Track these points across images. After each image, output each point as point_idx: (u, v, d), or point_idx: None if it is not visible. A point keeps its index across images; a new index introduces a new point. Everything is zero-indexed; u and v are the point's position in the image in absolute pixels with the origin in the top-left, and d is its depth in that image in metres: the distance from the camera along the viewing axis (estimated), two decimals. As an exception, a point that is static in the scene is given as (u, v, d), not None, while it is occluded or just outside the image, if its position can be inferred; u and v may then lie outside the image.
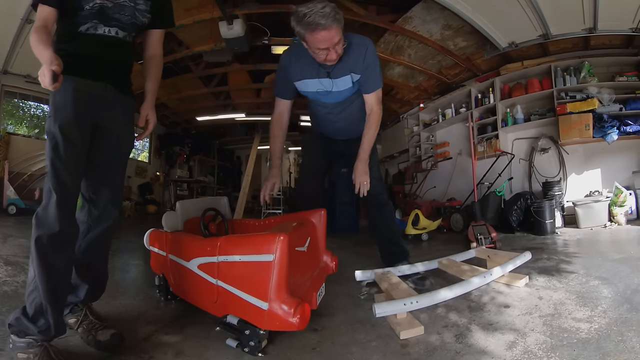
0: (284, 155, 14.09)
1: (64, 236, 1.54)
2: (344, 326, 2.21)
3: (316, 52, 2.32)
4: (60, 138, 1.56)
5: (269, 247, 1.73)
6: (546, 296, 2.47)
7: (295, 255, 2.02)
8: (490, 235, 4.16)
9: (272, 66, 7.25)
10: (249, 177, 8.92)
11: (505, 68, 6.15)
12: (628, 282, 2.48)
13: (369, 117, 2.75)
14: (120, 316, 2.21)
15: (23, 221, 4.36)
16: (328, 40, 2.22)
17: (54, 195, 1.52)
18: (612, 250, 3.26)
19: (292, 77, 2.65)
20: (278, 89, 2.80)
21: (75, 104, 1.62)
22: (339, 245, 5.80)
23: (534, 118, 5.80)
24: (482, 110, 6.56)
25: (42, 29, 1.54)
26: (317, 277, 2.34)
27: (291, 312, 1.68)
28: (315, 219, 2.59)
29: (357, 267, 3.81)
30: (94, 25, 1.71)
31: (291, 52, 2.68)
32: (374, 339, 2.01)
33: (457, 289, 2.42)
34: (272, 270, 1.72)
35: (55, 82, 1.35)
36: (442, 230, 5.98)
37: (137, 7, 1.83)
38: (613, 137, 4.69)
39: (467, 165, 5.09)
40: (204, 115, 9.45)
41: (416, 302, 2.17)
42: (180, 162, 10.64)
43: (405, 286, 2.52)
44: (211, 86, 8.05)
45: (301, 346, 1.92)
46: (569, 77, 5.36)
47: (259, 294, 1.75)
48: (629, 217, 4.18)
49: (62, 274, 1.57)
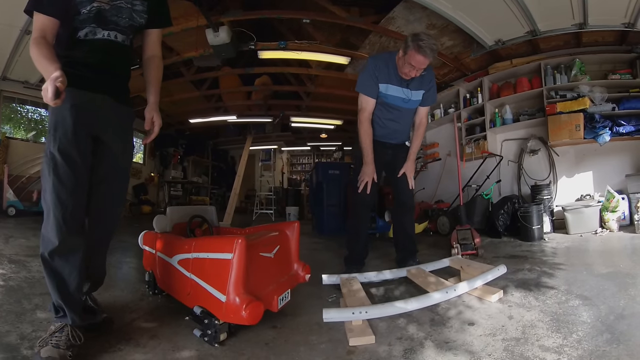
0: (277, 156, 13.98)
1: (65, 249, 1.66)
2: (303, 326, 2.31)
3: (406, 65, 2.96)
4: (59, 160, 1.62)
5: (229, 247, 1.99)
6: (517, 315, 2.23)
7: (260, 259, 2.30)
8: (473, 241, 3.98)
9: (261, 70, 7.33)
10: (240, 178, 8.93)
11: (493, 67, 5.91)
12: (612, 305, 2.19)
13: (419, 126, 3.48)
14: (109, 305, 2.46)
15: (22, 222, 4.57)
16: (421, 64, 2.90)
17: (52, 215, 1.62)
18: (599, 262, 2.97)
19: (379, 79, 3.14)
20: (367, 89, 3.20)
21: (73, 124, 1.66)
22: (324, 246, 5.73)
23: (523, 118, 5.54)
24: (471, 110, 6.32)
25: (41, 41, 1.55)
26: (284, 283, 2.48)
27: (242, 306, 1.89)
28: (289, 230, 2.78)
29: (337, 270, 3.85)
30: (92, 30, 1.72)
31: (377, 59, 3.23)
32: (325, 342, 2.08)
33: (414, 302, 2.36)
34: (231, 266, 1.96)
35: (57, 98, 1.37)
36: (428, 233, 5.86)
37: (134, 8, 1.83)
38: (605, 139, 4.43)
39: (456, 166, 4.85)
40: (197, 117, 9.62)
41: (365, 312, 2.21)
42: (174, 163, 10.76)
43: (362, 294, 2.58)
44: (203, 89, 8.19)
45: (257, 341, 2.09)
46: (560, 76, 5.10)
47: (220, 287, 2.01)
48: (622, 223, 3.89)
49: (70, 279, 1.70)
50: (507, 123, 5.68)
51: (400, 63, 3.06)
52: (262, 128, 10.86)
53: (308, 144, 14.12)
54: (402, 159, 3.46)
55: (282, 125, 11.05)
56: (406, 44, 2.92)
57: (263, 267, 2.31)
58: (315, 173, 7.59)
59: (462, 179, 4.65)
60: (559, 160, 5.15)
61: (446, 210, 5.73)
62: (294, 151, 15.57)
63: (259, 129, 10.90)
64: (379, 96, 3.22)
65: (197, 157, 11.85)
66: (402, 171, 3.36)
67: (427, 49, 2.81)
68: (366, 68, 3.21)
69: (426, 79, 3.21)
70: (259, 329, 2.21)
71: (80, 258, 1.73)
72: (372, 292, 2.95)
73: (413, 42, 2.84)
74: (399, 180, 3.44)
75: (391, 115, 3.32)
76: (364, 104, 3.23)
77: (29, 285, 2.64)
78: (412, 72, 3.00)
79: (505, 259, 3.61)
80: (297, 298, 2.89)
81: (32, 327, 2.01)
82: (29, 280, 2.73)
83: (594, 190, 4.64)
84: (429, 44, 2.81)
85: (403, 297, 2.72)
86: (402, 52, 2.99)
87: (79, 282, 1.75)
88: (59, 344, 1.62)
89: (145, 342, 2.01)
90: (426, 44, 2.80)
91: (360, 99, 3.25)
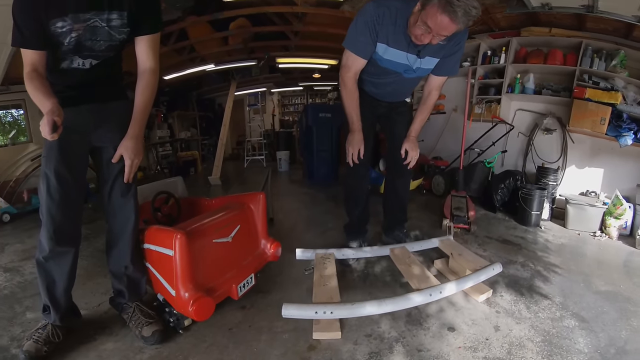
0: (267, 98, 13.39)
1: (55, 256, 1.83)
2: (271, 308, 2.25)
3: (420, 27, 2.08)
4: (52, 179, 1.76)
5: (169, 242, 1.90)
6: (504, 327, 2.07)
7: (214, 247, 2.18)
8: (467, 213, 3.82)
9: (235, 12, 6.45)
10: (226, 127, 8.70)
11: (528, 30, 5.34)
12: (613, 334, 2.00)
13: (427, 99, 2.82)
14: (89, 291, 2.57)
15: (18, 226, 4.50)
16: (442, 29, 2.00)
17: (44, 227, 1.80)
18: (598, 274, 2.79)
19: (378, 36, 2.35)
20: (358, 46, 2.44)
21: (63, 145, 1.74)
22: (311, 198, 5.61)
23: (545, 92, 5.09)
24: (489, 69, 5.74)
25: (34, 75, 1.59)
26: (247, 267, 2.36)
27: (189, 302, 1.85)
28: (254, 204, 2.58)
29: (320, 230, 3.95)
30: (71, 59, 1.74)
31: (382, 6, 2.27)
32: (289, 331, 2.02)
33: (389, 305, 2.09)
34: (173, 263, 1.89)
35: (54, 132, 1.43)
36: (421, 191, 5.68)
37: (111, 24, 1.71)
38: (627, 141, 4.11)
39: (461, 124, 4.50)
40: (172, 72, 8.79)
41: (330, 312, 2.03)
42: (158, 123, 10.18)
43: (334, 284, 2.36)
44: (170, 44, 7.27)
45: (222, 325, 2.10)
46: (598, 61, 4.59)
47: (169, 281, 1.96)
48: (622, 232, 3.71)
49: (59, 282, 1.89)
50: (527, 92, 5.23)
51: (412, 19, 2.15)
52: (248, 72, 10.06)
53: (300, 84, 13.30)
54: (401, 112, 3.02)
55: (270, 67, 10.28)
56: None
57: (219, 254, 2.21)
58: (305, 116, 7.18)
59: (465, 140, 4.38)
60: (572, 147, 4.83)
61: (443, 169, 5.51)
62: (285, 92, 14.75)
63: (244, 73, 10.11)
64: (372, 57, 2.50)
65: (181, 111, 11.30)
66: (403, 148, 2.80)
67: (459, 9, 1.86)
68: (363, 16, 2.32)
69: (449, 44, 2.35)
70: (227, 310, 2.23)
71: (69, 265, 1.89)
72: (347, 275, 2.79)
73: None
74: (394, 134, 2.97)
75: (387, 79, 2.66)
76: (350, 61, 2.50)
77: (21, 289, 2.69)
78: (425, 37, 2.11)
79: (498, 242, 3.48)
80: (274, 269, 2.84)
81: (21, 328, 2.12)
82: (22, 284, 2.78)
83: (600, 188, 4.42)
84: (466, 4, 1.86)
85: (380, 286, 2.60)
86: (420, 5, 2.06)
87: (67, 286, 1.92)
88: (38, 340, 1.82)
89: (117, 331, 2.09)
90: (461, 5, 1.86)
91: (346, 55, 2.51)
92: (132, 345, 1.93)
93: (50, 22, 1.57)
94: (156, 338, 1.93)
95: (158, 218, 2.77)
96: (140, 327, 1.97)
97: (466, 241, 3.45)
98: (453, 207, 3.92)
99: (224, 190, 6.72)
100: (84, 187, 1.97)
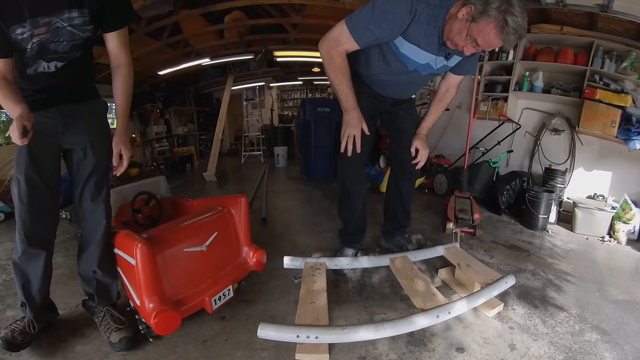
0: (266, 92, 13.20)
1: (28, 257, 1.86)
2: (253, 321, 2.11)
3: (467, 40, 1.91)
4: (22, 183, 1.76)
5: (131, 250, 1.79)
6: (521, 345, 1.93)
7: (184, 257, 2.02)
8: (472, 216, 3.67)
9: (224, 5, 6.15)
10: (222, 122, 8.56)
11: (538, 26, 5.19)
12: (638, 346, 1.90)
13: (444, 96, 2.68)
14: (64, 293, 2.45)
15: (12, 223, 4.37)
16: (490, 47, 1.90)
17: (17, 228, 1.83)
18: (611, 281, 2.69)
19: (403, 31, 2.08)
20: (362, 36, 2.12)
21: (32, 150, 1.74)
22: (308, 196, 5.47)
23: (555, 91, 4.96)
24: (496, 65, 5.62)
25: (2, 83, 1.55)
26: (224, 277, 2.18)
27: (152, 314, 1.73)
28: (235, 208, 2.40)
29: (315, 231, 3.79)
30: (36, 64, 1.70)
31: (420, 3, 1.97)
32: (270, 349, 1.87)
33: (387, 330, 1.85)
34: (136, 273, 1.78)
35: (24, 137, 1.42)
36: (423, 190, 5.54)
37: (73, 23, 1.64)
38: (636, 146, 4.01)
39: (465, 122, 4.38)
40: (166, 67, 8.65)
41: (315, 337, 1.79)
42: (154, 119, 10.10)
43: (322, 302, 2.12)
44: (163, 39, 7.10)
45: (196, 336, 2.00)
46: (609, 62, 4.48)
47: (135, 290, 1.87)
48: (630, 237, 3.63)
49: (34, 282, 1.90)
50: (536, 91, 5.09)
51: (455, 26, 1.92)
52: (246, 66, 9.94)
53: (299, 78, 13.05)
54: (408, 109, 2.80)
55: (268, 61, 10.07)
56: (485, 5, 1.77)
57: (191, 264, 2.06)
58: (303, 110, 7.03)
59: (470, 138, 4.26)
60: (580, 149, 4.74)
61: (446, 168, 5.40)
62: (284, 86, 14.53)
63: (242, 67, 9.98)
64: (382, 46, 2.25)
65: (178, 106, 11.16)
66: (413, 146, 2.62)
67: (515, 34, 1.76)
68: (388, 5, 2.00)
69: None
70: (205, 320, 2.13)
71: (42, 266, 1.89)
72: (341, 285, 2.59)
73: (499, 10, 1.74)
74: (400, 131, 2.76)
75: (400, 76, 2.41)
76: (344, 38, 2.14)
77: (5, 287, 2.63)
78: (468, 49, 1.95)
79: (505, 248, 3.35)
80: (261, 275, 2.68)
81: (0, 325, 2.07)
82: (7, 282, 2.72)
83: (608, 192, 4.34)
84: (519, 24, 1.74)
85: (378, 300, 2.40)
86: (467, 13, 1.85)
87: (41, 285, 1.93)
88: (15, 330, 1.87)
89: (89, 333, 2.05)
90: (516, 22, 1.73)
91: (340, 29, 2.16)
92: (100, 349, 1.91)
93: (10, 29, 1.54)
94: (123, 345, 1.89)
95: (138, 220, 2.66)
96: (109, 332, 1.95)
97: (471, 246, 3.33)
98: (457, 209, 3.79)
99: (219, 187, 6.60)
100: (57, 191, 1.92)
